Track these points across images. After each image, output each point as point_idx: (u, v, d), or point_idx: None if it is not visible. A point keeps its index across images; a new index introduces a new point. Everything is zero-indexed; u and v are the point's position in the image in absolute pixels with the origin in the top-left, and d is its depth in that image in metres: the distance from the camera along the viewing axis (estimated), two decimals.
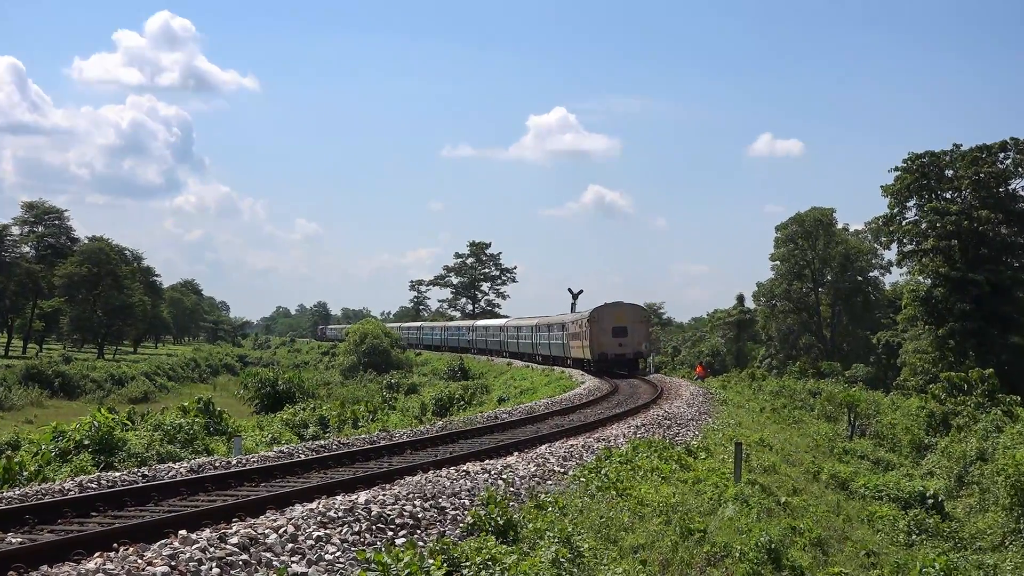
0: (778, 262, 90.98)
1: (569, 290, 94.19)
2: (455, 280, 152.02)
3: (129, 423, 26.79)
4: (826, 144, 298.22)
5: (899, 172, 71.34)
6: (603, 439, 20.79)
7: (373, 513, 11.24)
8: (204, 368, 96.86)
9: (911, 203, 71.66)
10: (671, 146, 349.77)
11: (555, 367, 58.07)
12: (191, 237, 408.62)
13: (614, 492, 14.21)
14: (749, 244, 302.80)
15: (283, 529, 10.12)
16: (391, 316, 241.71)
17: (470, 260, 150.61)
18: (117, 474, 15.50)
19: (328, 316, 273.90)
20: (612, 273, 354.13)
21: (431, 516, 11.78)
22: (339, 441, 21.37)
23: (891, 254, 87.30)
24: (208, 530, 10.20)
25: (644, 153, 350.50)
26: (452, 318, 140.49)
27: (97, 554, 9.30)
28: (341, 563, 9.51)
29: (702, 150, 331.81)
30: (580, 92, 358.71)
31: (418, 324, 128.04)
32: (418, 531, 11.18)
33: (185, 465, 16.60)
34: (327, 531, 10.39)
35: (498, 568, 9.43)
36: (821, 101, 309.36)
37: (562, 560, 10.10)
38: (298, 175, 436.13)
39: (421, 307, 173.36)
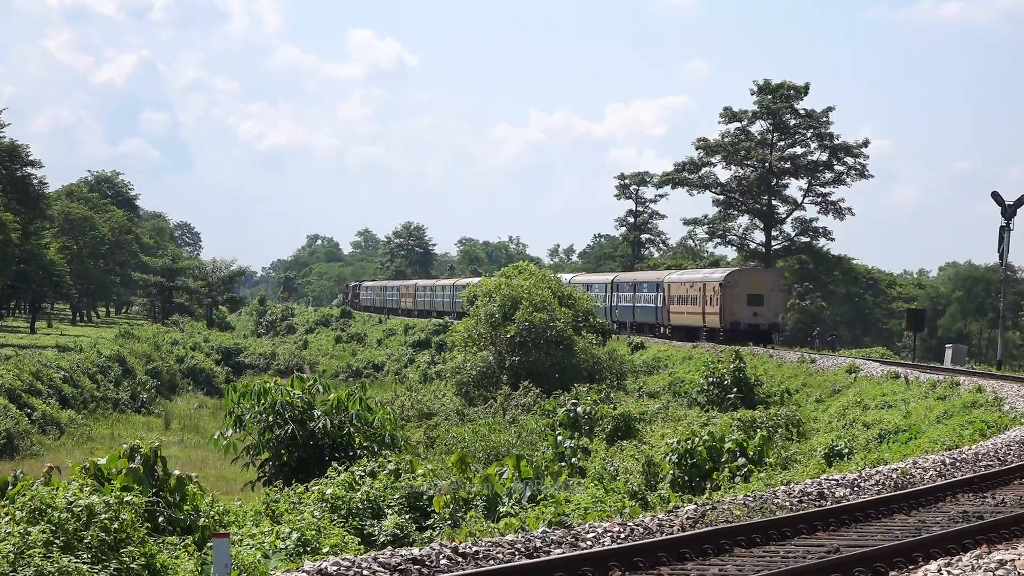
0: None
1: (994, 196, 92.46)
2: (723, 175, 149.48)
3: None
4: None
5: None
6: None
7: None
8: (143, 378, 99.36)
9: None
10: None
11: (959, 377, 59.89)
12: (109, 74, 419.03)
13: None
14: None
15: None
16: (575, 258, 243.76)
17: (758, 127, 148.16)
18: None
19: (428, 256, 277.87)
20: None
21: None
22: (455, 547, 21.91)
23: None
24: None
25: None
26: (720, 261, 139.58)
27: None
28: None
29: None
30: None
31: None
32: None
33: None
34: None
35: None
36: None
37: None
38: None
39: (645, 235, 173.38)
